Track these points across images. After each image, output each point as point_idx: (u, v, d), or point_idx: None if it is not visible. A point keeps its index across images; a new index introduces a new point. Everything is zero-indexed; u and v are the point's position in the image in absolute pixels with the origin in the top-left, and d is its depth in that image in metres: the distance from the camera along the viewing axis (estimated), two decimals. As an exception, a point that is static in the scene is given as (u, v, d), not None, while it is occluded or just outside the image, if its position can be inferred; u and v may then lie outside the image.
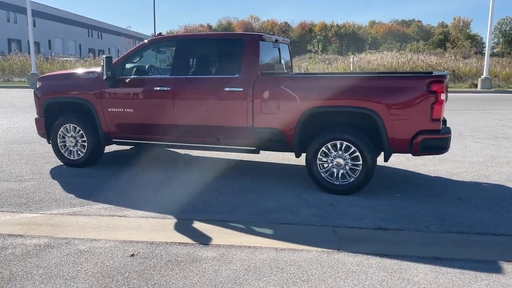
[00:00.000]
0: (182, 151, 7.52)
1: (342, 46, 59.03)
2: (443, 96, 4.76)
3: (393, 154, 5.31)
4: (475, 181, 5.84)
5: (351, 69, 25.36)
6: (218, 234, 4.04)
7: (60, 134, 6.36)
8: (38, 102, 6.47)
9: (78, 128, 6.24)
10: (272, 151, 5.77)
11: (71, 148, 6.35)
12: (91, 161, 6.37)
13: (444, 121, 5.86)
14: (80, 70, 6.41)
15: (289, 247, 3.76)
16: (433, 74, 5.22)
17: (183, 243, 3.82)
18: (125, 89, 5.94)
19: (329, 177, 5.20)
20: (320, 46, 35.90)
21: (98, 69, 6.12)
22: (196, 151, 6.87)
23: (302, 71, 29.45)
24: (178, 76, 5.70)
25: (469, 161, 6.97)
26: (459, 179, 5.92)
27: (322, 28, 70.43)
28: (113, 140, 6.20)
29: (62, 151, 6.40)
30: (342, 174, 5.14)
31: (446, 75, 4.96)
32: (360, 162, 5.01)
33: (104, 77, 5.73)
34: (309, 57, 38.37)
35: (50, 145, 6.53)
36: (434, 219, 4.44)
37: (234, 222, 4.34)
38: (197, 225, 4.26)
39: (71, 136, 6.30)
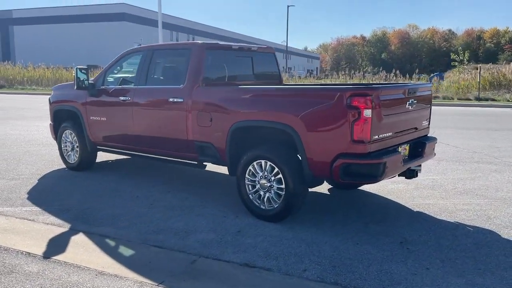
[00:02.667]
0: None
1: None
2: (367, 113, 3.82)
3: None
4: (463, 222, 4.54)
5: (479, 80, 22.11)
6: (77, 249, 3.89)
7: (62, 139, 6.90)
8: (50, 109, 7.13)
9: (73, 134, 6.69)
10: (213, 164, 5.35)
11: (69, 153, 6.84)
12: (83, 165, 6.75)
13: (421, 144, 4.75)
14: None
15: (117, 273, 3.43)
16: (372, 85, 4.25)
17: (30, 253, 3.78)
18: (100, 99, 6.16)
19: (257, 199, 4.61)
20: (466, 55, 32.02)
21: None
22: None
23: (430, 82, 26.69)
24: (137, 86, 5.71)
25: (496, 196, 5.46)
26: (444, 218, 4.67)
27: (494, 34, 63.21)
28: (98, 147, 6.49)
29: (64, 154, 6.93)
30: (268, 198, 4.51)
31: (380, 88, 3.99)
32: (283, 186, 4.34)
33: (75, 87, 6.03)
34: (458, 67, 34.83)
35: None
36: (328, 263, 3.58)
37: (112, 238, 4.13)
38: (76, 237, 4.18)
39: (68, 141, 6.79)
